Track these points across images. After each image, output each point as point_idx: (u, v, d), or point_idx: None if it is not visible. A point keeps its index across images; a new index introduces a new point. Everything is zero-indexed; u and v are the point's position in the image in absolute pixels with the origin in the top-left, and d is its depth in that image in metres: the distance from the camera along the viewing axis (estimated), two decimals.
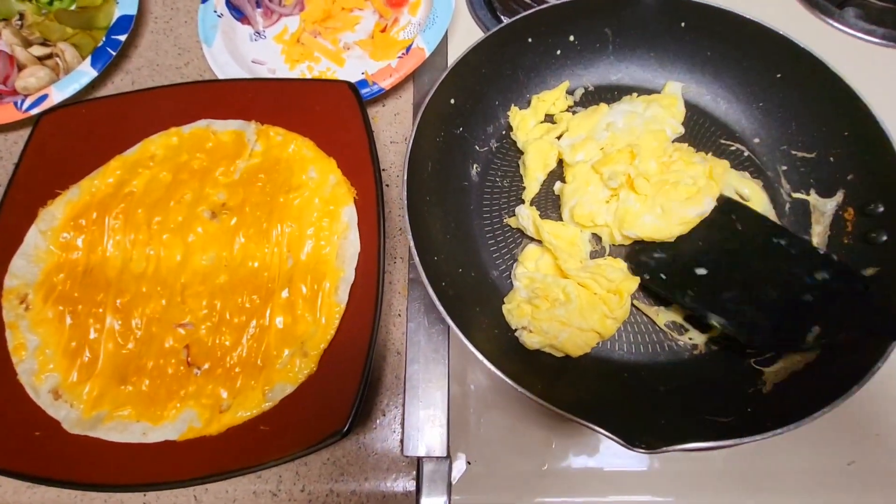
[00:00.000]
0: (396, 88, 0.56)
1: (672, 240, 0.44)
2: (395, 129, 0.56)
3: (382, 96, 0.57)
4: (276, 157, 0.51)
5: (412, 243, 0.39)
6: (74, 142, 0.53)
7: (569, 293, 0.41)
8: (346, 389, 0.41)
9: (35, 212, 0.49)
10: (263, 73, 0.59)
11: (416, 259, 0.39)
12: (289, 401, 0.42)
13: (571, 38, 0.51)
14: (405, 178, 0.42)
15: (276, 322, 0.45)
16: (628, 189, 0.45)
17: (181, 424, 0.42)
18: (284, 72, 0.59)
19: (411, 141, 0.43)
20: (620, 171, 0.45)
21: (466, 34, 0.61)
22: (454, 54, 0.59)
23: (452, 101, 0.47)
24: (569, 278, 0.42)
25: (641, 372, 0.42)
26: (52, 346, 0.45)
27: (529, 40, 0.49)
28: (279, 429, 0.41)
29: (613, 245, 0.46)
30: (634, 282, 0.42)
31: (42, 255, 0.48)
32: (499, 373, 0.35)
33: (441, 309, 0.37)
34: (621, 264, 0.44)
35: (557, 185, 0.48)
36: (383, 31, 0.59)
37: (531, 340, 0.41)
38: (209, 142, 0.53)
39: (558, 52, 0.52)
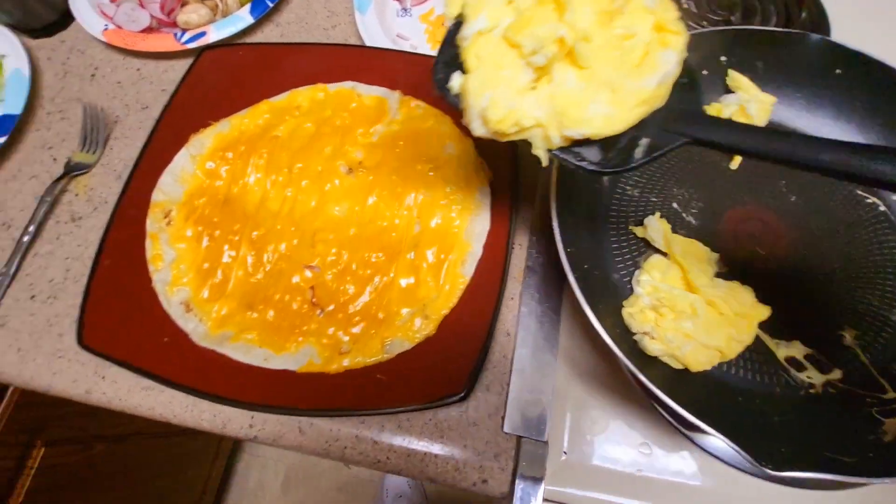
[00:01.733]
0: None
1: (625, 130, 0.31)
2: None
3: None
4: (416, 129, 0.53)
5: (557, 230, 0.41)
6: (229, 79, 0.56)
7: (696, 308, 0.42)
8: (464, 357, 0.42)
9: (186, 136, 0.53)
10: (406, 48, 0.61)
11: (560, 244, 0.40)
12: (405, 357, 0.43)
13: (722, 58, 0.52)
14: (556, 167, 0.43)
15: (400, 281, 0.46)
16: (564, 63, 0.30)
17: (301, 357, 0.44)
18: (426, 50, 0.61)
19: None
20: (547, 37, 0.29)
21: None
22: None
23: None
24: (697, 294, 0.43)
25: (756, 399, 0.42)
26: (187, 263, 0.48)
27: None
28: (394, 381, 0.42)
29: (550, 150, 0.32)
30: (765, 311, 0.43)
31: (187, 177, 0.51)
32: (626, 360, 0.36)
33: (579, 294, 0.38)
34: (751, 292, 0.44)
35: (456, 79, 0.32)
36: None
37: (653, 347, 0.42)
38: (353, 102, 0.55)
39: (705, 71, 0.53)
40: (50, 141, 0.58)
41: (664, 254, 0.47)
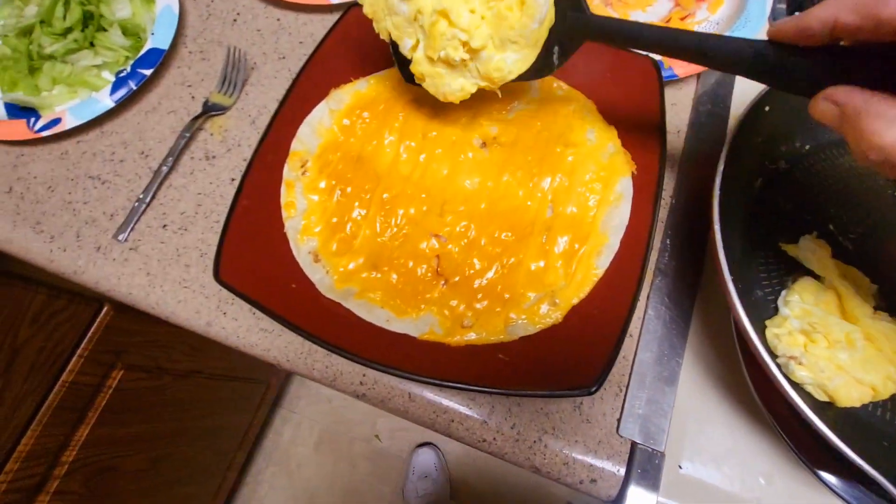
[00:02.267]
0: (678, 80, 0.55)
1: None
2: (668, 118, 0.55)
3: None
4: (555, 110, 0.52)
5: (719, 234, 0.38)
6: (373, 37, 0.55)
7: (853, 339, 0.39)
8: (593, 351, 0.40)
9: (326, 90, 0.53)
10: None
11: (721, 251, 0.38)
12: (528, 341, 0.42)
13: None
14: (721, 168, 0.41)
15: (529, 264, 0.45)
16: (474, 51, 0.41)
17: (422, 325, 0.43)
18: None
19: (734, 132, 0.42)
20: (452, 46, 0.40)
21: None
22: None
23: (767, 108, 0.45)
24: (856, 324, 0.40)
25: None
26: (318, 214, 0.48)
27: None
28: (517, 364, 0.41)
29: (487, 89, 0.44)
30: None
31: (324, 131, 0.52)
32: (782, 380, 0.34)
33: (739, 306, 0.36)
34: None
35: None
36: (682, 19, 0.57)
37: (800, 373, 0.39)
38: None
39: None
40: (190, 79, 0.59)
41: (816, 276, 0.44)
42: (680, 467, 0.41)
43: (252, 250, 0.46)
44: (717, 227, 0.39)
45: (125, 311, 0.81)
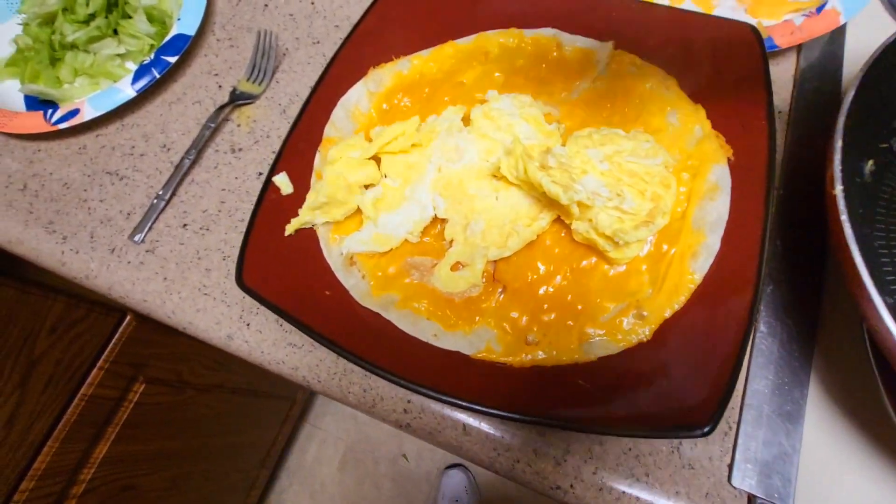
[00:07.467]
0: (773, 53, 0.47)
1: None
2: None
3: None
4: (627, 89, 0.44)
5: (847, 226, 0.30)
6: (414, 15, 0.49)
7: None
8: (698, 378, 0.32)
9: (365, 70, 0.47)
10: None
11: (852, 244, 0.29)
12: (610, 363, 0.34)
13: None
14: (839, 144, 0.32)
15: (605, 267, 0.37)
16: None
17: (477, 340, 0.36)
18: None
19: (847, 106, 0.33)
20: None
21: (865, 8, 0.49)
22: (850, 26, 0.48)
23: (879, 76, 0.36)
24: None
25: None
26: None
27: None
28: (598, 390, 0.33)
29: None
30: None
31: (360, 116, 0.46)
32: None
33: (884, 312, 0.27)
34: None
35: None
36: None
37: None
38: (552, 53, 0.47)
39: None
40: (217, 67, 0.55)
41: None
42: None
43: (280, 252, 0.40)
44: (843, 214, 0.30)
45: (147, 320, 0.76)
